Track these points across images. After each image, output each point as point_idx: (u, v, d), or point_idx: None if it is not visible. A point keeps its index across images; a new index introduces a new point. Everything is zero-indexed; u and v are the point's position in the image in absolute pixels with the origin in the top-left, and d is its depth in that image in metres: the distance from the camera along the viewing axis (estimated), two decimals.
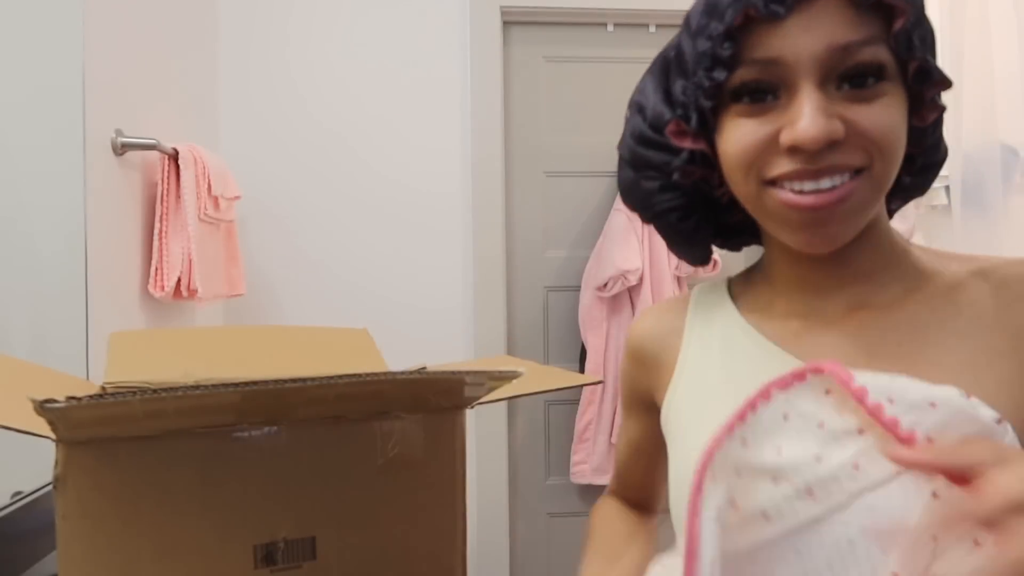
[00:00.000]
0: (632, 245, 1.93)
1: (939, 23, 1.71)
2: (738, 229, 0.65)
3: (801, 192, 0.50)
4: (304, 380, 0.54)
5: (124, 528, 0.55)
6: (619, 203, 2.00)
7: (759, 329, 0.60)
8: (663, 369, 0.66)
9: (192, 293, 1.48)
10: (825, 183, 0.49)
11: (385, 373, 0.59)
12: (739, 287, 0.66)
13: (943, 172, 2.15)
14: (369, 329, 2.18)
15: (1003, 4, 1.72)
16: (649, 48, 2.14)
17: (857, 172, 0.50)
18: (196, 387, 0.50)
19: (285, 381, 0.53)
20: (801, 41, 0.48)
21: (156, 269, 1.44)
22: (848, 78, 0.48)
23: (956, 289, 0.55)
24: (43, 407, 0.46)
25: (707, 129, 0.55)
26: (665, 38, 2.13)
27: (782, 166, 0.50)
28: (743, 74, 0.50)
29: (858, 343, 0.55)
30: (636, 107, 0.62)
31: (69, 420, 0.50)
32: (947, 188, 2.10)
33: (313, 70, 1.99)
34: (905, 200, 0.63)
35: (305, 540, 0.63)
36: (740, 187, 0.54)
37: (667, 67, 0.60)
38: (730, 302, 0.65)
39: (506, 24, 2.09)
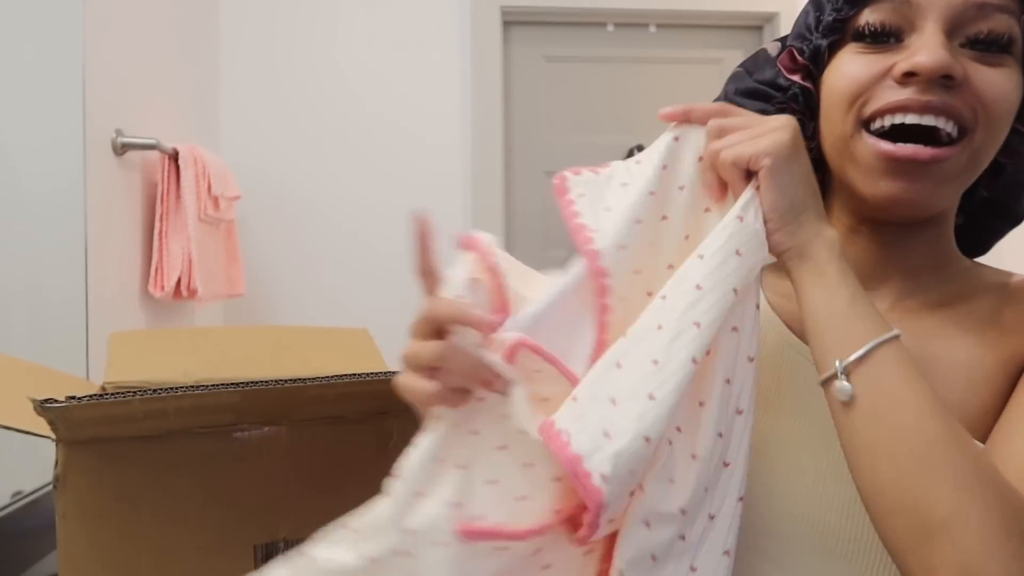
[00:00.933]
0: None
1: None
2: None
3: (898, 139, 0.48)
4: (304, 380, 0.54)
5: (124, 528, 0.55)
6: None
7: (785, 316, 0.57)
8: None
9: (192, 293, 1.48)
10: (928, 119, 0.47)
11: (385, 372, 0.59)
12: (771, 267, 0.57)
13: None
14: (369, 329, 2.17)
15: None
16: (649, 48, 2.14)
17: (960, 134, 0.48)
18: (196, 387, 0.50)
19: (285, 381, 0.53)
20: None
21: (156, 269, 1.44)
22: (974, 42, 0.47)
23: (981, 299, 0.54)
24: (43, 407, 0.46)
25: (820, 66, 0.54)
26: (665, 38, 2.14)
27: (889, 96, 0.48)
28: (870, 14, 0.49)
29: None
30: (751, 62, 0.61)
31: (69, 420, 0.50)
32: None
33: (313, 70, 1.99)
34: (972, 229, 0.59)
35: (305, 540, 0.63)
36: (836, 126, 0.52)
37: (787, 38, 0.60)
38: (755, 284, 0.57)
39: (506, 24, 2.09)
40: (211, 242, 1.58)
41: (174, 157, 1.47)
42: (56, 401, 0.46)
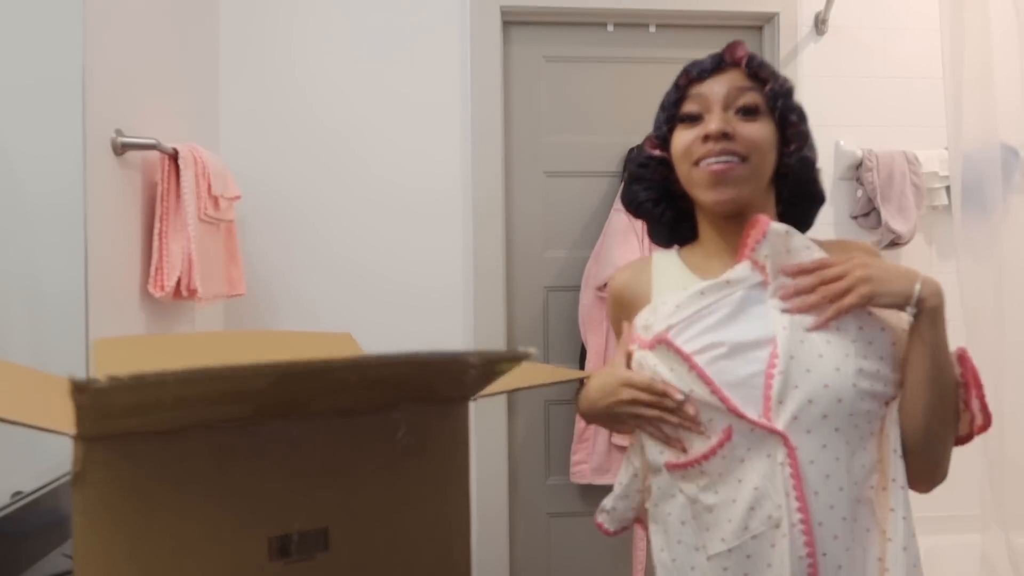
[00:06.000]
0: (632, 245, 1.94)
1: (939, 23, 1.71)
2: (687, 216, 1.00)
3: (711, 165, 0.87)
4: (336, 361, 0.55)
5: (143, 523, 0.56)
6: (619, 203, 2.00)
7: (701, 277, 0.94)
8: (640, 307, 0.98)
9: (192, 293, 1.48)
10: (723, 158, 0.87)
11: (409, 354, 0.59)
12: (685, 255, 1.00)
13: (943, 172, 2.15)
14: (369, 329, 2.17)
15: (1003, 4, 1.72)
16: (649, 48, 2.14)
17: (742, 160, 0.87)
18: (232, 367, 0.50)
19: (318, 361, 0.53)
20: (716, 87, 0.89)
21: (156, 269, 1.44)
22: (738, 110, 0.88)
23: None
24: (85, 385, 0.45)
25: (667, 143, 0.95)
26: (665, 38, 2.14)
27: (703, 149, 0.88)
28: (686, 107, 0.92)
29: None
30: (634, 155, 1.02)
31: (102, 405, 0.49)
32: (947, 188, 2.10)
33: (313, 70, 2.00)
34: (792, 216, 0.97)
35: (318, 531, 0.64)
36: (682, 168, 0.92)
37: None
38: (681, 263, 0.99)
39: (506, 24, 2.09)
40: (211, 242, 1.58)
41: (174, 157, 1.47)
42: (97, 381, 0.45)
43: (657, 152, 0.96)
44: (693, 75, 0.90)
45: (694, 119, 0.90)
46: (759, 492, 0.77)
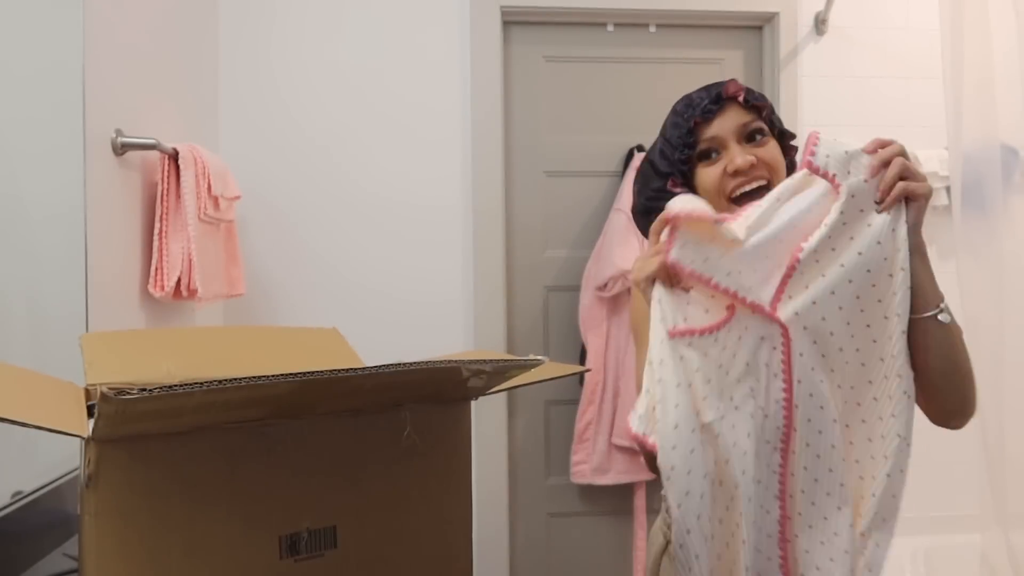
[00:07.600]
0: (632, 245, 1.93)
1: (939, 23, 1.71)
2: None
3: (743, 199, 0.94)
4: (354, 370, 0.55)
5: (156, 523, 0.56)
6: (619, 203, 2.00)
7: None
8: None
9: (192, 293, 1.48)
10: (754, 185, 0.96)
11: (423, 363, 0.60)
12: None
13: (943, 172, 2.15)
14: (369, 329, 2.17)
15: (1003, 4, 1.72)
16: (649, 48, 2.14)
17: (768, 183, 0.96)
18: (256, 377, 0.50)
19: (339, 371, 0.54)
20: (725, 125, 0.98)
21: (156, 269, 1.44)
22: (749, 138, 0.98)
23: None
24: (113, 397, 0.46)
25: (690, 179, 1.02)
26: (665, 38, 2.14)
27: (732, 183, 0.97)
28: (702, 146, 0.99)
29: None
30: (641, 182, 1.09)
31: (125, 412, 0.49)
32: (947, 188, 2.10)
33: (313, 70, 2.00)
34: None
35: (327, 529, 0.65)
36: (714, 202, 0.96)
37: (651, 163, 1.06)
38: None
39: (506, 24, 2.09)
40: (211, 242, 1.58)
41: (174, 157, 1.47)
42: (127, 392, 0.46)
43: (679, 189, 1.02)
44: (699, 117, 0.98)
45: (710, 156, 0.98)
46: (748, 368, 0.82)
